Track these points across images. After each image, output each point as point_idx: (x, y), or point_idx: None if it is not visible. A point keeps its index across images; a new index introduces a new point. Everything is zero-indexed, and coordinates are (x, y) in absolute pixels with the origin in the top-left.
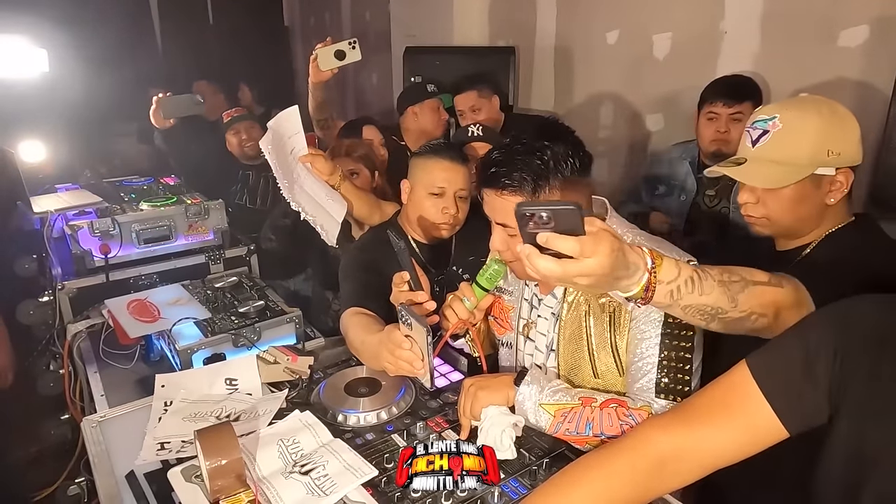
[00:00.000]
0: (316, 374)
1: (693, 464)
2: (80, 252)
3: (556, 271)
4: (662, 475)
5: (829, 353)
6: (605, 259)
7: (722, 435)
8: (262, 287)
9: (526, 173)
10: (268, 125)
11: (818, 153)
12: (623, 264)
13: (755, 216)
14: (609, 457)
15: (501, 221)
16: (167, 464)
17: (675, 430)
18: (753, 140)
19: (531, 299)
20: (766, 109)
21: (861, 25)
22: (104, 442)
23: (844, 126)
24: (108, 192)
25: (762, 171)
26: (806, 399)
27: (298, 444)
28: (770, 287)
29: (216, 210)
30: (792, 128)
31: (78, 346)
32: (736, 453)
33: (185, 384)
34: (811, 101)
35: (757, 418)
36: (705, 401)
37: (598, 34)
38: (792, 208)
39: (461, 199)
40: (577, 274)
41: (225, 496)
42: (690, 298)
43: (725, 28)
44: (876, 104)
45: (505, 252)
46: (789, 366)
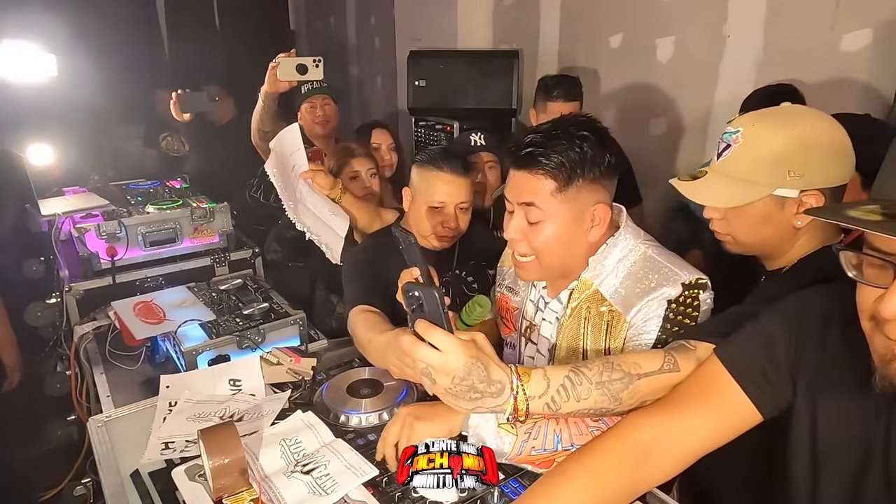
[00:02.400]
0: (319, 375)
1: (675, 450)
2: (87, 254)
3: (410, 348)
4: (648, 464)
5: (785, 335)
6: (460, 360)
7: (700, 421)
8: (267, 289)
9: (565, 159)
10: (270, 146)
11: (777, 174)
12: (482, 377)
13: (721, 232)
14: (596, 450)
15: (528, 201)
16: (171, 463)
17: (655, 419)
18: (719, 152)
19: (537, 301)
20: (736, 121)
21: (864, 29)
22: (110, 441)
23: (812, 146)
24: (114, 195)
25: (716, 187)
26: (772, 379)
27: (300, 443)
28: (661, 374)
29: (221, 213)
30: (752, 145)
31: (84, 348)
32: (715, 438)
33: (190, 385)
34: (784, 115)
35: (731, 403)
36: (683, 391)
37: (601, 38)
38: (754, 228)
39: (462, 211)
40: (431, 362)
41: (228, 495)
42: (568, 406)
43: (728, 32)
44: (879, 108)
45: (520, 241)
46: (753, 351)
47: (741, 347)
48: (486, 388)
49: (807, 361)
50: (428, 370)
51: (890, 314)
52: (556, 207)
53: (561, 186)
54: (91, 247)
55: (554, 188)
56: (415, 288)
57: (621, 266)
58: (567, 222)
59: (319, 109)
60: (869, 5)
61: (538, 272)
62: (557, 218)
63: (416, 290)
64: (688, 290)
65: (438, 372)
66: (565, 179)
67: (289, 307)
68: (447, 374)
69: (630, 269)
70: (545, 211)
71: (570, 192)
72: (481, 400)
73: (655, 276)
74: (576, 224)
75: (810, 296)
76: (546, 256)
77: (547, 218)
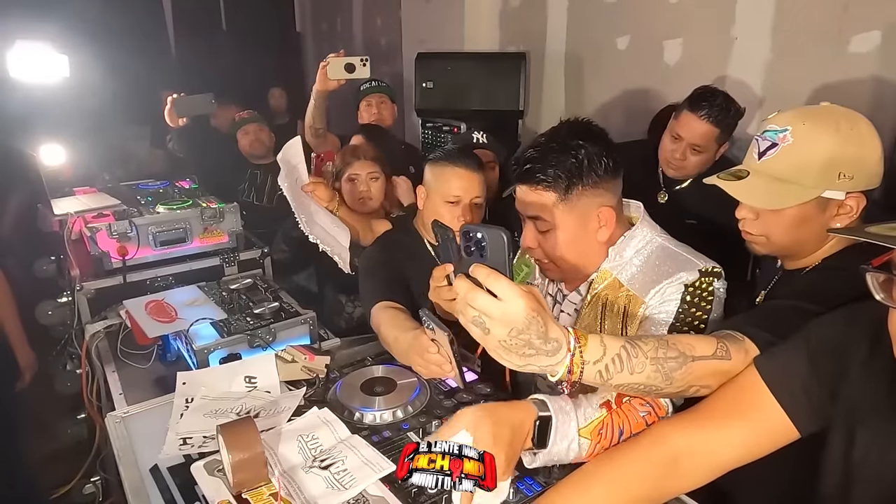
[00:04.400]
0: (332, 373)
1: (706, 462)
2: (98, 254)
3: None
4: (676, 472)
5: (829, 351)
6: (521, 312)
7: (734, 434)
8: (277, 289)
9: (560, 170)
10: (277, 159)
11: (828, 175)
12: (540, 332)
13: (753, 233)
14: (625, 455)
15: (534, 215)
16: (190, 458)
17: (688, 429)
18: (760, 151)
19: (556, 294)
20: (780, 119)
21: (873, 31)
22: (128, 437)
23: (863, 147)
24: (125, 195)
25: (763, 188)
26: (813, 397)
27: (317, 439)
28: (714, 360)
29: (231, 213)
30: (803, 144)
31: (96, 346)
32: (747, 452)
33: (206, 381)
34: (831, 114)
35: (768, 418)
36: (717, 402)
37: (608, 40)
38: (792, 230)
39: (476, 207)
40: (488, 310)
41: (247, 489)
42: (620, 378)
43: (736, 34)
44: (888, 109)
45: (536, 249)
46: (795, 366)
47: (782, 361)
48: (543, 345)
49: (849, 381)
50: (481, 319)
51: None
52: (561, 216)
53: (561, 196)
54: (102, 246)
55: (555, 199)
56: (477, 228)
57: (639, 256)
58: (573, 228)
59: (375, 108)
60: (877, 7)
61: (557, 272)
62: (564, 226)
63: (478, 231)
64: (704, 276)
65: (496, 321)
66: (564, 189)
67: (299, 307)
68: (506, 324)
69: (647, 258)
70: (551, 221)
71: (572, 199)
72: (534, 357)
73: (672, 263)
74: (583, 228)
75: (865, 308)
76: (560, 261)
77: (554, 227)
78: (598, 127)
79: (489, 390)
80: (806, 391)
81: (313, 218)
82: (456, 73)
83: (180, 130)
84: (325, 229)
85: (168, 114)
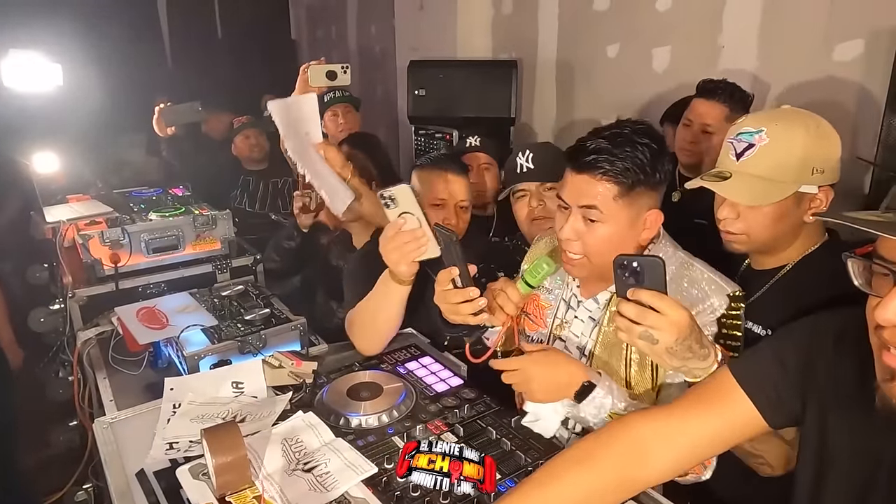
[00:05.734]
0: (319, 378)
1: (673, 450)
2: (90, 261)
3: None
4: (644, 460)
5: (797, 350)
6: (683, 320)
7: (702, 422)
8: (268, 295)
9: (629, 165)
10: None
11: (804, 170)
12: (697, 338)
13: (734, 232)
14: (592, 446)
15: (589, 204)
16: (175, 462)
17: (655, 418)
18: (738, 153)
19: (570, 300)
20: (752, 121)
21: (856, 39)
22: (115, 442)
23: (830, 143)
24: (118, 203)
25: (746, 186)
26: (782, 394)
27: (301, 443)
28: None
29: (223, 220)
30: (779, 143)
31: (87, 353)
32: (717, 441)
33: (194, 387)
34: (797, 115)
35: (737, 411)
36: (688, 395)
37: (598, 48)
38: (772, 225)
39: (462, 210)
40: (654, 324)
41: (231, 492)
42: None
43: (723, 42)
44: (870, 116)
45: (574, 242)
46: (765, 364)
47: (753, 362)
48: (699, 349)
49: (818, 378)
50: (648, 333)
51: (882, 320)
52: (617, 211)
53: (624, 191)
54: (94, 253)
55: (617, 192)
56: (633, 258)
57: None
58: (624, 226)
59: (342, 118)
60: (860, 15)
61: (587, 269)
62: (616, 221)
63: (633, 261)
64: (733, 301)
65: (664, 331)
66: (629, 185)
67: (290, 313)
68: (673, 333)
69: (672, 276)
70: (605, 214)
71: (632, 196)
72: (691, 360)
73: (701, 286)
74: (631, 228)
75: (828, 316)
76: (598, 256)
77: (606, 220)
78: (658, 132)
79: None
80: (775, 387)
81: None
82: (448, 81)
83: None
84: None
85: (156, 123)
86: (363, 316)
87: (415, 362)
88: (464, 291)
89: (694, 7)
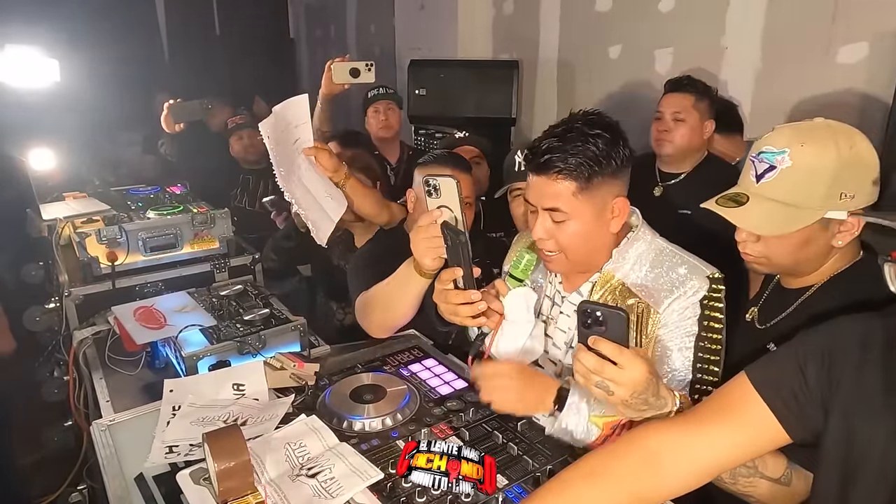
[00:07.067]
0: (321, 380)
1: (690, 462)
2: (86, 259)
3: (595, 366)
4: (658, 472)
5: (818, 359)
6: (640, 375)
7: (720, 435)
8: (267, 296)
9: (582, 159)
10: (273, 110)
11: (830, 196)
12: (654, 392)
13: (753, 255)
14: (604, 457)
15: (550, 206)
16: (175, 467)
17: (671, 430)
18: (758, 174)
19: (553, 296)
20: (776, 139)
21: (861, 42)
22: (113, 445)
23: (863, 166)
24: (115, 201)
25: (765, 213)
26: (802, 402)
27: (305, 447)
28: (776, 486)
29: (222, 219)
30: (803, 167)
31: (83, 353)
32: (736, 454)
33: (194, 389)
34: (829, 132)
35: (757, 422)
36: (705, 405)
37: (600, 49)
38: (795, 251)
39: (466, 206)
40: (612, 377)
41: (233, 498)
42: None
43: (726, 44)
44: (876, 119)
45: (547, 241)
46: (784, 372)
47: (773, 369)
48: (655, 402)
49: (843, 385)
50: (605, 384)
51: None
52: (579, 206)
53: (582, 186)
54: (91, 252)
55: (575, 189)
56: (597, 308)
57: (643, 260)
58: (590, 219)
59: (383, 114)
60: (865, 18)
61: (566, 265)
62: (581, 216)
63: (598, 310)
64: (713, 283)
65: (621, 386)
66: (585, 179)
67: (289, 313)
68: (629, 388)
69: (652, 262)
70: (569, 212)
71: (592, 189)
72: (647, 412)
73: (680, 270)
74: (599, 219)
75: (848, 321)
76: (572, 251)
77: (571, 217)
78: (610, 118)
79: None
80: (796, 397)
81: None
82: (449, 81)
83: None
84: (314, 196)
85: (164, 120)
86: (377, 298)
87: (418, 364)
88: (465, 293)
89: (697, 8)
